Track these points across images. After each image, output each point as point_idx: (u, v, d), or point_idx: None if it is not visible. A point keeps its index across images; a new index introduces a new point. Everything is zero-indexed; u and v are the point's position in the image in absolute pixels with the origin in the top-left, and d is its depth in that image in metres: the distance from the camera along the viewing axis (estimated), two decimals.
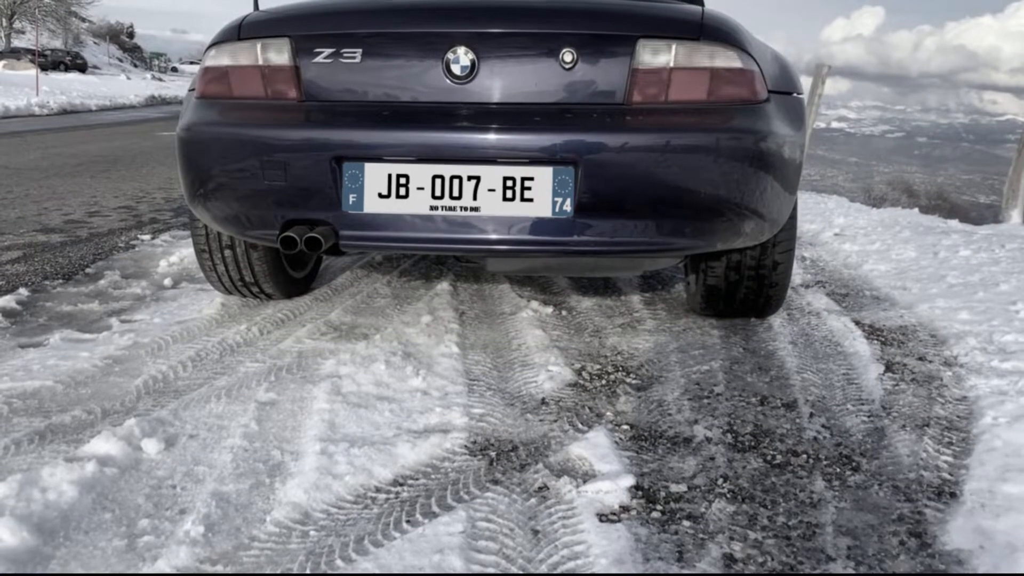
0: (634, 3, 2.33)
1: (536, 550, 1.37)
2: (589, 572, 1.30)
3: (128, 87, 27.36)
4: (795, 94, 2.36)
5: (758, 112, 2.11)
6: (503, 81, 2.09)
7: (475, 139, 2.03)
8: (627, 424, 1.88)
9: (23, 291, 2.79)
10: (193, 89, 2.33)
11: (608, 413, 1.94)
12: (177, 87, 30.74)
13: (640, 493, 1.56)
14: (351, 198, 2.08)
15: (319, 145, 2.09)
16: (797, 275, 3.50)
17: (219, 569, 1.29)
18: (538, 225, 2.05)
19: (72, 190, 5.22)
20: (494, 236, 2.07)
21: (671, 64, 2.06)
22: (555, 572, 1.31)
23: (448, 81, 2.08)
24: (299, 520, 1.44)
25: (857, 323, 2.73)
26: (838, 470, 1.69)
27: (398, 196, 2.07)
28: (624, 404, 2.00)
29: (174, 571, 1.28)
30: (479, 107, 2.09)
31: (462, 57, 2.07)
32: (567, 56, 2.06)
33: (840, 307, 2.97)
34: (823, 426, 1.90)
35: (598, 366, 2.26)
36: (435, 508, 1.49)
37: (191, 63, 73.38)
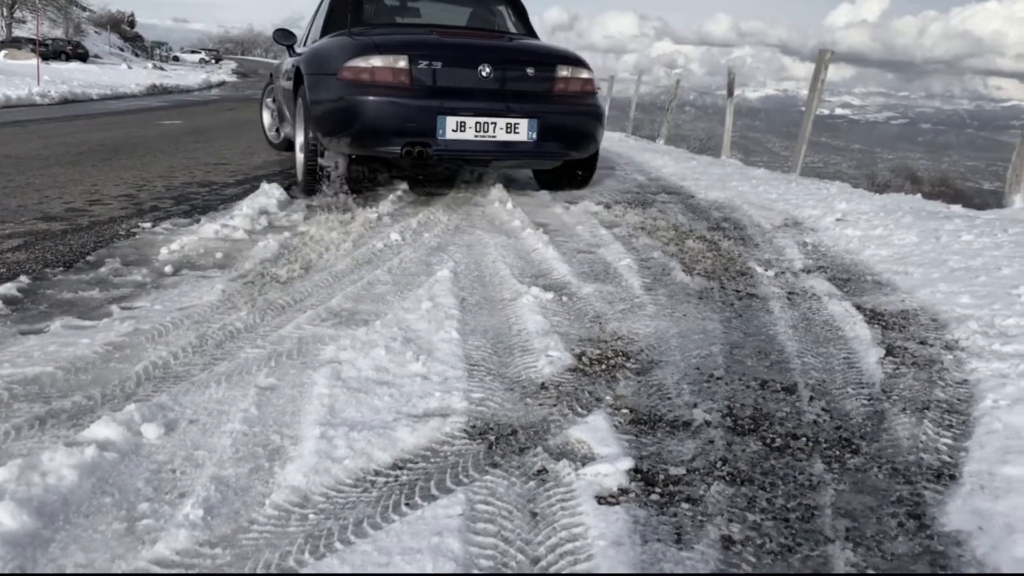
0: (553, 48, 5.17)
1: (534, 532, 1.37)
2: (583, 558, 1.30)
3: (129, 76, 27.31)
4: (600, 89, 5.27)
5: (596, 97, 4.95)
6: (505, 81, 4.55)
7: (495, 106, 4.44)
8: (626, 408, 1.88)
9: (24, 279, 2.79)
10: (331, 74, 4.40)
11: (608, 397, 1.94)
12: (179, 76, 30.64)
13: (639, 476, 1.56)
14: (439, 132, 4.34)
15: (430, 107, 4.33)
16: (798, 260, 3.49)
17: (217, 552, 1.30)
18: (521, 144, 4.52)
19: (73, 179, 5.22)
20: (502, 149, 4.50)
21: (569, 75, 4.72)
22: (549, 572, 1.31)
23: (480, 78, 4.49)
24: (298, 503, 1.44)
25: (858, 307, 2.73)
26: (837, 453, 1.69)
27: (461, 131, 4.38)
28: (624, 388, 2.00)
29: (159, 570, 1.28)
30: (496, 91, 4.51)
31: (486, 68, 4.49)
32: (529, 70, 4.65)
33: (841, 292, 2.96)
34: (823, 409, 1.90)
35: (598, 351, 2.26)
36: (434, 491, 1.49)
37: (192, 52, 73.15)
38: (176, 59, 67.57)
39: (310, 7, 6.79)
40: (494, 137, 4.38)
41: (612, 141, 11.91)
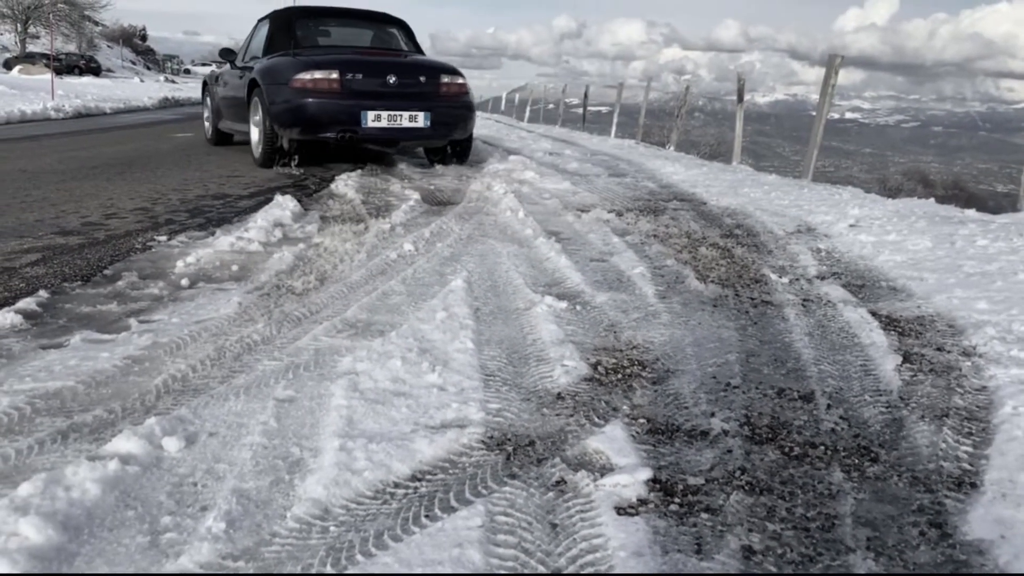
0: (438, 62, 7.30)
1: (554, 544, 1.37)
2: (604, 570, 1.31)
3: (142, 90, 27.53)
4: (471, 92, 7.30)
5: (470, 97, 7.09)
6: (406, 86, 6.61)
7: (401, 103, 6.53)
8: (644, 418, 1.88)
9: (43, 293, 2.81)
10: (284, 83, 6.41)
11: (624, 407, 1.94)
12: (190, 89, 30.84)
13: (658, 486, 1.56)
14: (363, 122, 6.41)
15: (354, 105, 6.39)
16: (812, 267, 3.48)
17: (240, 565, 1.31)
18: (419, 129, 6.63)
19: (89, 193, 5.27)
20: (407, 133, 6.65)
21: (449, 81, 6.83)
22: (568, 571, 1.31)
23: (389, 84, 6.54)
24: (319, 516, 1.45)
25: (874, 314, 2.72)
26: (856, 461, 1.68)
27: (378, 121, 6.45)
28: (640, 398, 2.00)
29: (178, 571, 1.29)
30: (400, 93, 6.57)
31: (393, 77, 6.57)
32: (422, 78, 6.75)
33: (856, 298, 2.95)
34: (841, 417, 1.89)
35: (613, 360, 2.26)
36: (454, 502, 1.50)
37: (203, 64, 73.70)
38: (187, 72, 68.14)
39: None
40: (401, 125, 6.52)
41: (622, 148, 11.91)
